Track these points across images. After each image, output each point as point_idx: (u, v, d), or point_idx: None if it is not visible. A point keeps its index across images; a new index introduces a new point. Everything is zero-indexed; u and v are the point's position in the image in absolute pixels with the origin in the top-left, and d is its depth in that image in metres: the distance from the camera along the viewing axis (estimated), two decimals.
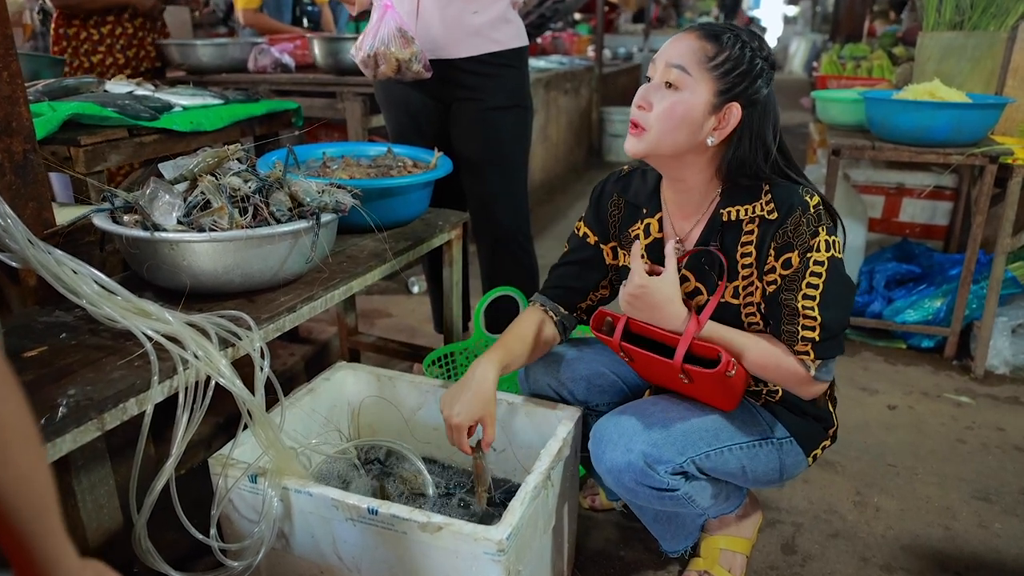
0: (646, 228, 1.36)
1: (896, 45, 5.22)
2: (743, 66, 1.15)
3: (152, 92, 1.88)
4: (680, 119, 1.16)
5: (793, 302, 1.19)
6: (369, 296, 3.11)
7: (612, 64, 6.25)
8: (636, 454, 1.23)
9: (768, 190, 1.23)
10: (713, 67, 1.15)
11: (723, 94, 1.16)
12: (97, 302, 1.07)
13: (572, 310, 1.47)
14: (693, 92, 1.16)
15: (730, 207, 1.24)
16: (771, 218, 1.21)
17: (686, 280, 1.31)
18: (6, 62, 1.14)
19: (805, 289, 1.18)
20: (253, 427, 1.14)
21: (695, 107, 1.16)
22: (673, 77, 1.16)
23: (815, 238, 1.18)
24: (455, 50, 1.94)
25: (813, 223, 1.18)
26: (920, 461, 1.97)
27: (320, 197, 1.32)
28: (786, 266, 1.20)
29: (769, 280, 1.23)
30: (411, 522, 1.10)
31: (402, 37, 1.83)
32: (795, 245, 1.19)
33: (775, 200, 1.21)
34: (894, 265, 2.82)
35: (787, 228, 1.19)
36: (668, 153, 1.21)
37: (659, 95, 1.18)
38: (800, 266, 1.19)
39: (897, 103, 2.28)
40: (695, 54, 1.16)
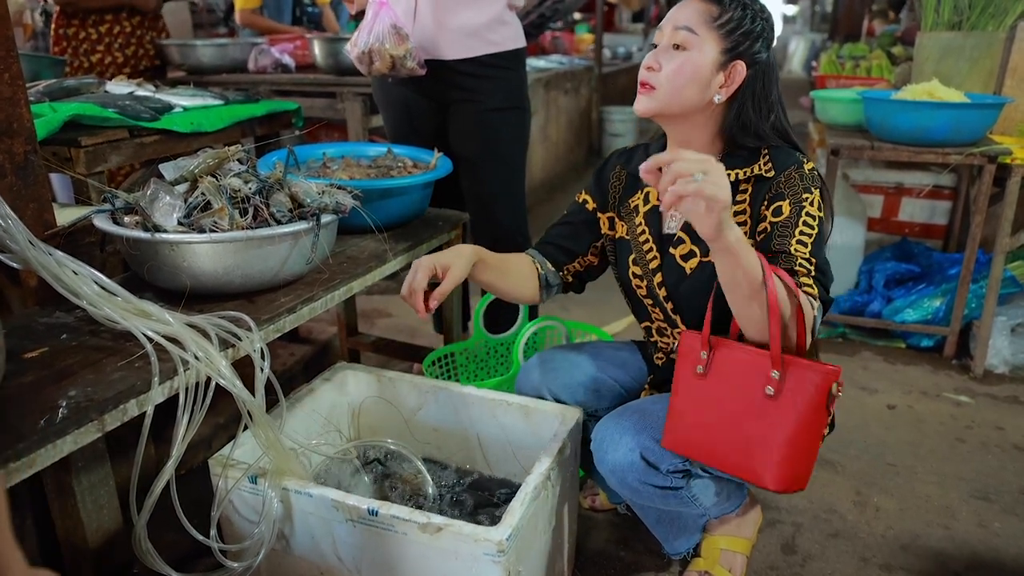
0: (645, 196, 1.39)
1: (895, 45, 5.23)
2: (745, 25, 1.21)
3: (153, 93, 1.88)
4: (689, 76, 1.21)
5: (787, 246, 1.18)
6: (369, 296, 3.11)
7: (612, 64, 6.26)
8: (638, 453, 1.23)
9: (767, 152, 1.26)
10: (719, 26, 1.21)
11: (728, 52, 1.21)
12: (98, 303, 1.07)
13: (559, 268, 1.49)
14: (700, 50, 1.21)
15: (730, 170, 1.26)
16: (768, 176, 1.24)
17: (681, 242, 1.33)
18: (7, 63, 1.14)
19: (798, 236, 1.19)
20: (253, 428, 1.14)
21: (703, 65, 1.21)
22: (680, 38, 1.21)
23: (808, 194, 1.20)
24: (452, 51, 1.94)
25: (807, 180, 1.21)
26: (920, 460, 1.97)
27: (320, 198, 1.32)
28: (776, 214, 1.21)
29: (760, 229, 1.24)
30: (411, 523, 1.10)
31: (396, 34, 1.84)
32: (786, 195, 1.21)
33: (773, 160, 1.25)
34: (893, 264, 2.82)
35: (779, 180, 1.22)
36: (677, 112, 1.24)
37: (668, 56, 1.23)
38: (792, 214, 1.20)
39: (896, 103, 2.29)
40: (700, 15, 1.21)
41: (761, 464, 1.14)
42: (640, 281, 1.40)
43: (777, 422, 1.12)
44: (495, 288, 1.43)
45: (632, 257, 1.40)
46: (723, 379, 1.17)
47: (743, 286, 1.09)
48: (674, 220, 1.36)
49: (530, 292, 1.47)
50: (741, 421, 1.15)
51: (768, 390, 1.12)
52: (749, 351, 1.16)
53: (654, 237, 1.37)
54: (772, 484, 1.13)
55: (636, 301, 1.45)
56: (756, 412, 1.14)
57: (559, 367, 1.50)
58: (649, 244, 1.37)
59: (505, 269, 1.43)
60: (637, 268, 1.40)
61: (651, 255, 1.37)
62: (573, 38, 6.77)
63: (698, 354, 1.20)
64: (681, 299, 1.36)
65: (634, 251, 1.40)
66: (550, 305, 3.00)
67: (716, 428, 1.17)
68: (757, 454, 1.14)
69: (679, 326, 1.38)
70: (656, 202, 1.37)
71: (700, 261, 1.31)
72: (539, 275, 1.47)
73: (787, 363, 1.11)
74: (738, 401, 1.15)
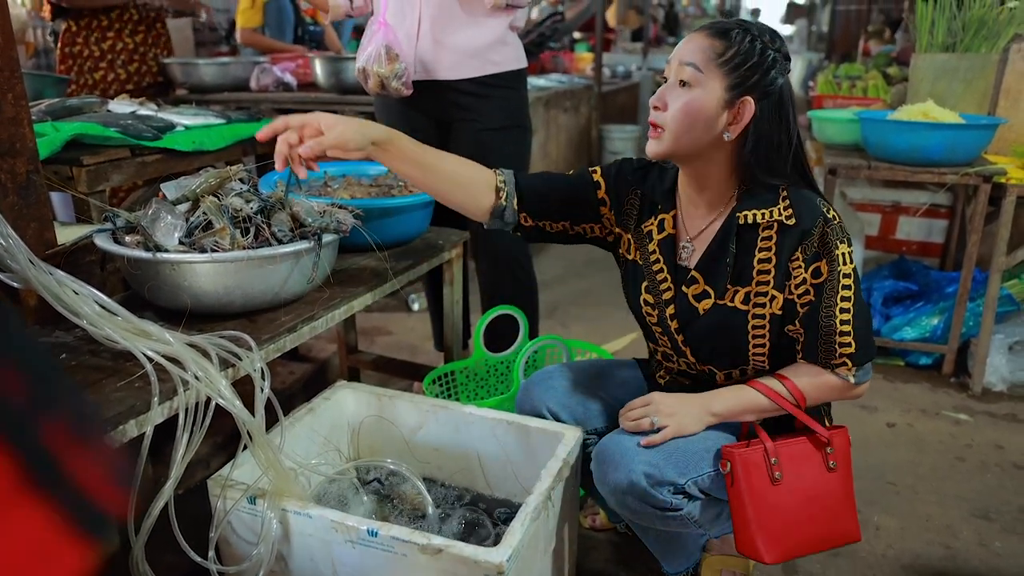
0: (660, 223, 1.36)
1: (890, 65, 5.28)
2: (754, 59, 1.17)
3: (155, 112, 1.89)
4: (695, 116, 1.18)
5: (831, 320, 1.21)
6: (369, 314, 3.11)
7: (611, 82, 6.29)
8: (638, 474, 1.23)
9: (786, 196, 1.23)
10: (723, 62, 1.17)
11: (735, 88, 1.17)
12: (98, 323, 1.07)
13: (523, 210, 1.38)
14: (705, 88, 1.18)
15: (746, 211, 1.24)
16: (789, 224, 1.21)
17: (695, 281, 1.31)
18: (11, 84, 1.15)
19: (840, 303, 1.21)
20: (253, 448, 1.14)
21: (708, 103, 1.18)
22: (686, 75, 1.19)
23: (839, 249, 1.20)
24: (454, 72, 1.96)
25: (838, 233, 1.20)
26: (920, 479, 1.97)
27: (322, 218, 1.32)
28: (816, 275, 1.21)
29: (801, 292, 1.23)
30: (411, 544, 1.10)
31: (387, 55, 1.86)
32: (822, 255, 1.21)
33: (793, 206, 1.22)
34: (891, 282, 2.83)
35: (813, 239, 1.20)
36: (687, 152, 1.22)
37: (674, 94, 1.21)
38: (829, 277, 1.20)
39: (892, 123, 2.31)
40: (705, 52, 1.18)
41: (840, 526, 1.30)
42: (651, 310, 1.38)
43: (840, 486, 1.30)
44: (421, 185, 1.34)
45: (645, 284, 1.37)
46: (795, 476, 1.27)
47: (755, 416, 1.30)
48: (687, 252, 1.34)
49: (472, 207, 1.36)
50: (821, 502, 1.29)
51: (831, 464, 1.29)
52: (800, 440, 1.30)
53: (668, 267, 1.34)
54: (853, 536, 1.32)
55: (645, 326, 1.44)
56: (824, 487, 1.29)
57: (559, 386, 1.50)
58: (664, 274, 1.35)
59: (431, 167, 1.31)
60: (649, 296, 1.37)
61: (665, 285, 1.35)
62: (573, 57, 6.81)
63: (766, 466, 1.26)
64: (693, 336, 1.34)
65: (647, 279, 1.37)
66: (550, 323, 3.00)
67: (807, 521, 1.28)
68: (838, 520, 1.30)
69: (687, 357, 1.37)
70: (671, 230, 1.35)
71: (715, 303, 1.29)
72: (497, 202, 1.36)
73: (831, 435, 1.30)
74: (813, 487, 1.28)
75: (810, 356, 1.25)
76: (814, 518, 1.28)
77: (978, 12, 2.46)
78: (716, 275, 1.29)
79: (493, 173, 1.38)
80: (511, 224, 1.40)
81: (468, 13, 1.92)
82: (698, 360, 1.36)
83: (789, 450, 1.27)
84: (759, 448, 1.25)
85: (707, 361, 1.36)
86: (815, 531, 1.28)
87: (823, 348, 1.23)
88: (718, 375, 1.37)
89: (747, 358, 1.31)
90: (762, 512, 1.24)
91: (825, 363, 1.24)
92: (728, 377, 1.36)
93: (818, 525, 1.28)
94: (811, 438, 1.29)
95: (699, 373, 1.40)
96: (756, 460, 1.24)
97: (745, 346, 1.30)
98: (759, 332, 1.28)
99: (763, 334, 1.28)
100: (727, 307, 1.28)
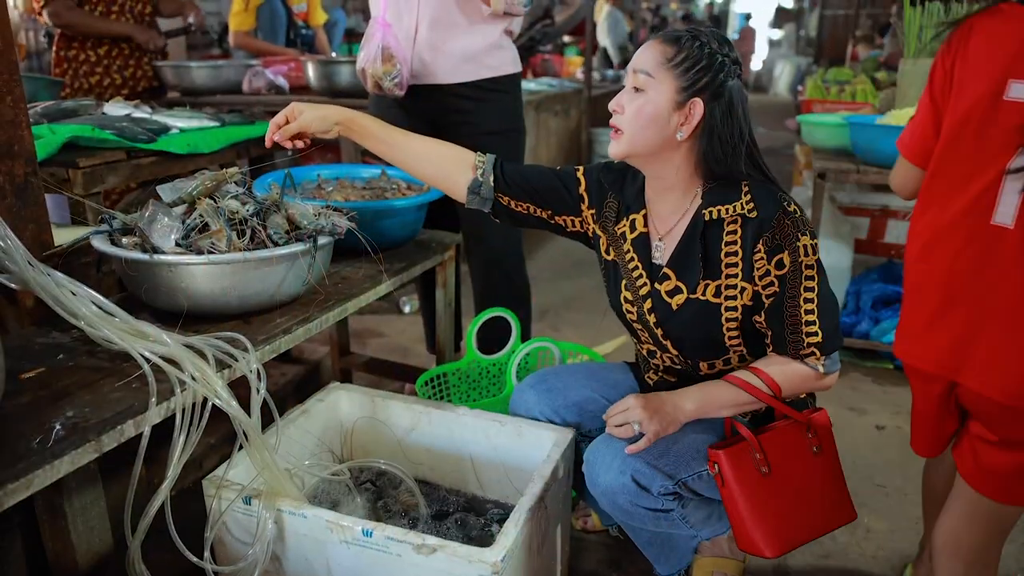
0: (632, 223, 1.40)
1: (879, 70, 5.33)
2: (702, 62, 1.22)
3: (149, 115, 1.90)
4: (648, 118, 1.24)
5: (796, 311, 1.24)
6: (361, 316, 3.12)
7: (601, 86, 6.32)
8: (629, 476, 1.24)
9: (747, 190, 1.28)
10: (674, 66, 1.23)
11: (685, 90, 1.22)
12: (95, 324, 1.07)
13: (497, 188, 1.43)
14: (656, 91, 1.23)
15: (711, 207, 1.28)
16: (751, 216, 1.26)
17: (667, 278, 1.35)
18: (10, 87, 1.15)
19: (804, 293, 1.24)
20: (248, 448, 1.15)
21: (660, 105, 1.23)
22: (639, 82, 1.25)
23: (799, 240, 1.23)
24: (450, 75, 1.98)
25: (798, 224, 1.24)
26: (909, 481, 1.99)
27: (317, 220, 1.33)
28: (779, 266, 1.24)
29: (766, 283, 1.26)
30: (406, 544, 1.11)
31: (384, 55, 1.88)
32: (784, 246, 1.24)
33: (755, 200, 1.26)
34: (880, 286, 2.86)
35: (773, 230, 1.24)
36: (644, 152, 1.28)
37: (629, 99, 1.27)
38: (792, 267, 1.24)
39: (881, 128, 2.33)
40: (656, 57, 1.24)
41: (835, 509, 1.32)
42: (631, 307, 1.41)
43: (828, 467, 1.32)
44: (393, 161, 1.46)
45: (624, 282, 1.41)
46: (783, 466, 1.29)
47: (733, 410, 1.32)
48: (659, 250, 1.37)
49: (447, 183, 1.46)
50: (811, 488, 1.30)
51: (816, 448, 1.31)
52: (780, 427, 1.31)
53: (643, 265, 1.38)
54: (849, 517, 1.33)
55: (627, 324, 1.47)
56: (813, 472, 1.30)
57: (552, 388, 1.51)
58: (639, 271, 1.38)
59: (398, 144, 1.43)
60: (628, 293, 1.40)
61: (641, 282, 1.38)
62: (563, 61, 6.84)
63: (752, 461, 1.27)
64: (671, 328, 1.37)
65: (624, 277, 1.41)
66: (540, 325, 3.02)
67: (800, 508, 1.29)
68: (831, 503, 1.32)
69: (669, 351, 1.40)
70: (643, 229, 1.38)
71: (687, 298, 1.32)
72: (474, 179, 1.43)
73: (810, 418, 1.31)
74: (801, 475, 1.30)
75: (779, 348, 1.28)
76: (809, 504, 1.29)
77: None
78: (687, 270, 1.33)
79: (473, 153, 1.46)
80: (488, 200, 1.45)
81: (465, 18, 1.93)
82: (680, 353, 1.39)
83: (773, 441, 1.28)
84: (744, 444, 1.27)
85: (689, 354, 1.38)
86: (811, 517, 1.29)
87: (791, 339, 1.26)
88: (702, 366, 1.39)
89: (726, 348, 1.34)
90: (756, 507, 1.25)
91: (794, 354, 1.26)
92: (711, 368, 1.39)
93: (813, 511, 1.30)
94: (791, 425, 1.31)
95: (684, 368, 1.42)
96: (743, 456, 1.26)
97: (721, 337, 1.33)
98: (732, 324, 1.31)
99: (737, 325, 1.31)
100: (699, 300, 1.31)
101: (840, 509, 1.32)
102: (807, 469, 1.30)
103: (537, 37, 5.13)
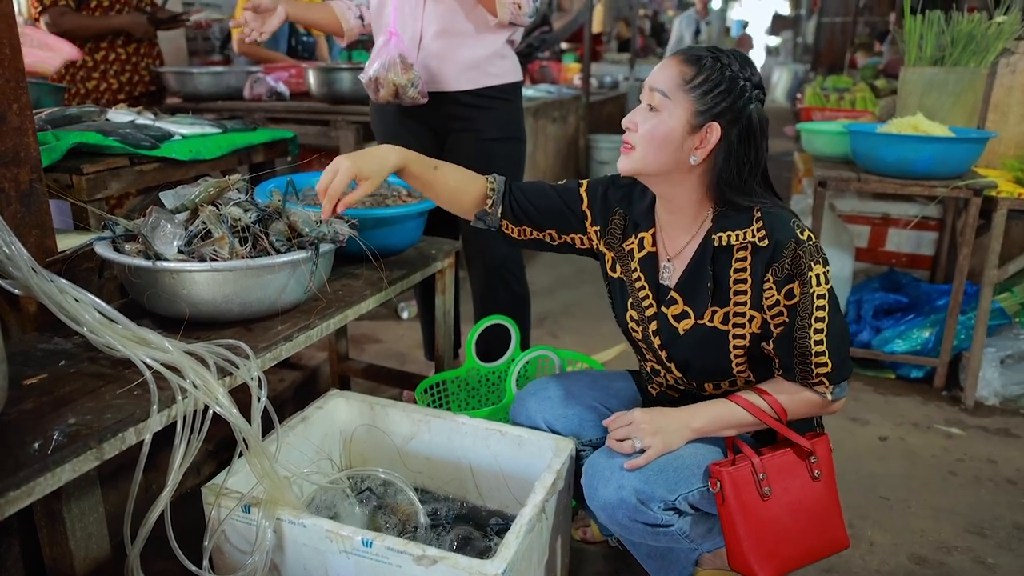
0: (640, 242, 1.39)
1: (877, 77, 5.35)
2: (722, 86, 1.19)
3: (152, 121, 1.89)
4: (661, 139, 1.22)
5: (806, 342, 1.22)
6: (359, 322, 3.11)
7: (599, 92, 6.33)
8: (628, 491, 1.24)
9: (759, 217, 1.24)
10: (691, 88, 1.20)
11: (702, 114, 1.20)
12: (98, 330, 1.07)
13: (503, 216, 1.47)
14: (672, 114, 1.21)
15: (721, 232, 1.26)
16: (762, 245, 1.23)
17: (675, 302, 1.33)
18: (16, 94, 1.15)
19: (815, 324, 1.21)
20: (248, 456, 1.14)
21: (675, 128, 1.21)
22: (655, 101, 1.23)
23: (812, 270, 1.20)
24: (453, 83, 1.99)
25: (810, 254, 1.21)
26: (913, 493, 1.98)
27: (319, 227, 1.33)
28: (789, 296, 1.22)
29: (775, 313, 1.24)
30: (406, 555, 1.10)
31: (402, 63, 1.89)
32: (795, 276, 1.21)
33: (766, 227, 1.23)
34: (881, 295, 2.85)
35: (784, 261, 1.21)
36: (654, 172, 1.26)
37: (643, 117, 1.24)
38: (802, 298, 1.21)
39: (881, 136, 2.33)
40: (674, 78, 1.21)
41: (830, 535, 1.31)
42: (636, 326, 1.40)
43: (826, 494, 1.31)
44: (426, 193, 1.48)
45: (630, 301, 1.40)
46: (783, 489, 1.28)
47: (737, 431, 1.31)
48: (667, 272, 1.36)
49: (461, 211, 1.50)
50: (810, 512, 1.29)
51: (816, 474, 1.30)
52: (786, 454, 1.30)
53: (650, 286, 1.37)
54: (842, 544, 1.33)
55: (632, 342, 1.46)
56: (812, 497, 1.30)
57: (553, 397, 1.50)
58: (645, 291, 1.37)
59: (433, 184, 1.45)
60: (634, 312, 1.40)
61: (647, 302, 1.37)
62: (561, 67, 6.85)
63: (754, 482, 1.26)
64: (677, 354, 1.36)
65: (631, 295, 1.40)
66: (539, 333, 3.01)
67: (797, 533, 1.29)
68: (826, 530, 1.31)
69: (673, 372, 1.40)
70: (651, 248, 1.37)
71: (695, 323, 1.31)
72: (482, 208, 1.47)
73: (813, 444, 1.30)
74: (801, 498, 1.29)
75: (788, 374, 1.27)
76: (804, 530, 1.29)
77: (967, 26, 2.50)
78: (695, 296, 1.31)
79: (486, 181, 1.47)
80: (494, 227, 1.49)
81: (470, 27, 1.95)
82: (684, 375, 1.38)
83: (775, 463, 1.28)
84: (747, 464, 1.26)
85: (694, 377, 1.38)
86: (806, 543, 1.29)
87: (800, 368, 1.25)
88: (707, 387, 1.38)
89: (731, 373, 1.33)
90: (753, 529, 1.24)
91: (803, 382, 1.26)
92: (717, 388, 1.38)
93: (808, 536, 1.29)
94: (794, 450, 1.30)
95: (687, 387, 1.42)
96: (745, 477, 1.25)
97: (728, 363, 1.32)
98: (740, 352, 1.30)
99: (744, 353, 1.30)
100: (707, 327, 1.30)
101: (833, 535, 1.32)
102: (806, 495, 1.29)
103: (535, 44, 5.13)
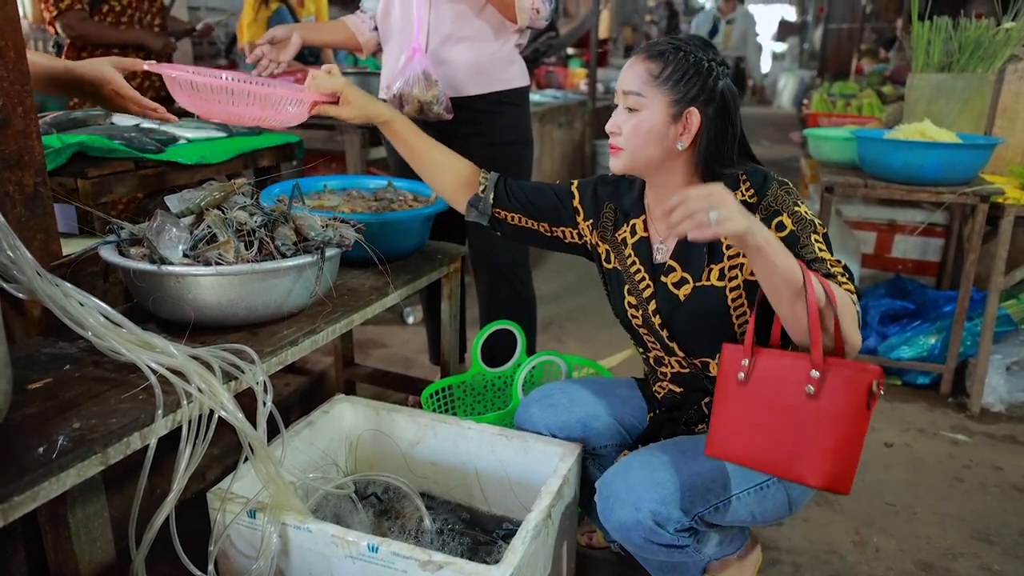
0: (632, 228, 1.43)
1: (884, 84, 5.33)
2: (691, 71, 1.23)
3: (157, 125, 1.90)
4: (646, 135, 1.26)
5: (812, 253, 1.20)
6: (364, 326, 3.11)
7: (605, 98, 6.32)
8: (645, 513, 1.23)
9: (745, 179, 1.30)
10: (662, 82, 1.24)
11: (679, 103, 1.24)
12: (103, 334, 1.07)
13: (496, 203, 1.50)
14: (650, 110, 1.25)
15: None
16: (752, 201, 1.28)
17: (672, 270, 1.36)
18: (21, 97, 1.15)
19: (815, 242, 1.21)
20: (254, 461, 1.14)
21: (656, 122, 1.25)
22: (631, 103, 1.27)
23: (798, 207, 1.25)
24: (462, 88, 1.99)
25: (793, 195, 1.27)
26: (919, 500, 1.97)
27: (324, 231, 1.33)
28: (780, 228, 1.24)
29: None
30: (412, 560, 1.10)
31: (426, 80, 1.91)
32: (782, 211, 1.25)
33: (753, 186, 1.29)
34: (888, 301, 2.84)
35: (768, 200, 1.26)
36: (646, 165, 1.30)
37: (625, 118, 1.29)
38: (796, 225, 1.23)
39: (889, 142, 2.33)
40: (643, 76, 1.26)
41: (803, 462, 1.14)
42: (635, 311, 1.42)
43: (818, 420, 1.13)
44: (408, 160, 1.51)
45: (627, 287, 1.43)
46: (764, 384, 1.18)
47: (783, 290, 1.10)
48: (660, 252, 1.39)
49: (450, 194, 1.53)
50: (783, 422, 1.16)
51: (808, 389, 1.13)
52: (790, 355, 1.18)
53: (645, 266, 1.40)
54: (813, 480, 1.13)
55: (632, 331, 1.47)
56: (797, 412, 1.14)
57: (559, 403, 1.50)
58: (641, 274, 1.40)
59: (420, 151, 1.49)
60: (632, 298, 1.42)
61: (644, 284, 1.40)
62: (567, 72, 6.85)
63: (739, 363, 1.20)
64: (676, 326, 1.38)
65: (627, 281, 1.42)
66: (544, 338, 3.00)
67: (757, 431, 1.18)
68: (799, 453, 1.14)
69: (676, 354, 1.40)
70: (643, 233, 1.41)
71: (694, 287, 1.34)
72: (475, 195, 1.50)
73: (828, 364, 1.12)
74: (779, 403, 1.16)
75: None
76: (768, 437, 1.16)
77: (974, 33, 2.50)
78: (692, 260, 1.34)
79: (479, 169, 1.52)
80: (486, 214, 1.51)
81: (478, 32, 1.96)
82: (688, 354, 1.39)
83: (768, 359, 1.18)
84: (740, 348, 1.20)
85: (696, 352, 1.38)
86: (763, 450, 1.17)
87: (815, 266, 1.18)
88: (711, 365, 1.39)
89: (734, 336, 1.33)
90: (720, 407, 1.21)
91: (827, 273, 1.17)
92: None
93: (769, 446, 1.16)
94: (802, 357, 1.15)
95: (692, 372, 1.42)
96: (733, 355, 1.20)
97: (729, 323, 1.33)
98: (738, 303, 1.32)
99: (742, 303, 1.32)
100: (706, 287, 1.33)
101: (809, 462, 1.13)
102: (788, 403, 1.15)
103: (542, 49, 5.14)
